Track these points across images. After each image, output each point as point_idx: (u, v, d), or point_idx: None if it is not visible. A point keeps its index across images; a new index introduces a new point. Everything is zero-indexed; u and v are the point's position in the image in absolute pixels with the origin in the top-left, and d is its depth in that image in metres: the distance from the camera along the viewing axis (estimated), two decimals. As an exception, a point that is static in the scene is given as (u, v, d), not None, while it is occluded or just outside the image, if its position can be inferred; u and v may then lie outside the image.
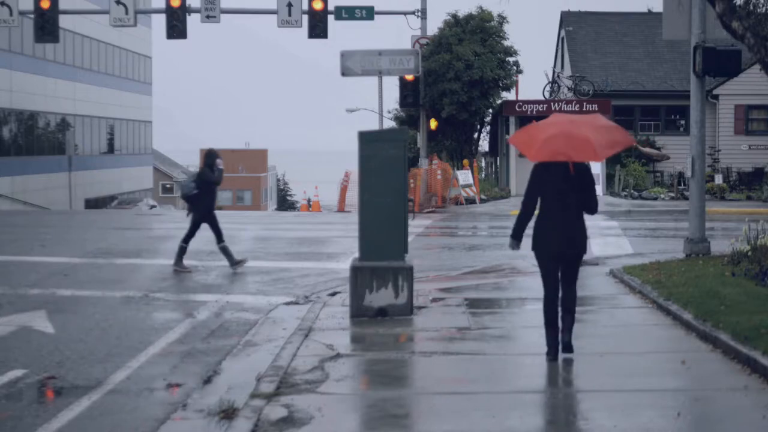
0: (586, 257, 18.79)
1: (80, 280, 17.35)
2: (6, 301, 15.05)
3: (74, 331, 12.78)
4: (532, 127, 10.64)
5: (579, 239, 10.42)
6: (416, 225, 27.39)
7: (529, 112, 40.34)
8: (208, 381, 10.18)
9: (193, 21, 37.84)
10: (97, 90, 61.65)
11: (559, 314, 10.54)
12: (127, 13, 37.58)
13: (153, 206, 57.55)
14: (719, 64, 18.31)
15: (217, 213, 18.82)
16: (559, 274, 10.51)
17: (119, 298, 15.37)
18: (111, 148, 65.75)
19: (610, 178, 40.94)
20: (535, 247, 10.43)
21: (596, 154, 10.15)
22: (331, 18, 37.28)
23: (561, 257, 10.42)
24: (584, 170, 10.39)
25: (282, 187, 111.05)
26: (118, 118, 65.90)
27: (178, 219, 35.12)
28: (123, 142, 67.83)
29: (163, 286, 16.67)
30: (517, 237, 10.65)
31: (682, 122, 43.45)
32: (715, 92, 42.28)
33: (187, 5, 36.63)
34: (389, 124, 47.61)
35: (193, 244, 18.74)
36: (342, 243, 23.40)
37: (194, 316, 13.89)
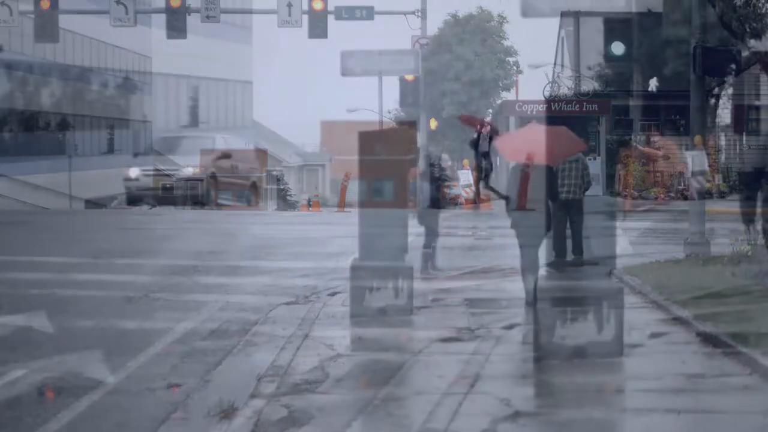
0: (585, 257, 19.01)
1: (80, 280, 17.34)
2: (6, 301, 15.03)
3: (74, 331, 12.77)
4: (512, 134, 15.37)
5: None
6: (416, 225, 27.32)
7: (529, 112, 40.27)
8: (208, 381, 10.18)
9: (193, 21, 37.88)
10: (97, 90, 61.57)
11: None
12: (127, 13, 37.60)
13: (153, 206, 57.44)
14: (719, 64, 18.31)
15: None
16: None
17: (119, 298, 15.35)
18: (111, 148, 65.69)
19: (610, 178, 40.89)
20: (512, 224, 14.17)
21: (552, 158, 13.90)
22: (331, 18, 37.29)
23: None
24: (542, 167, 13.76)
25: (282, 187, 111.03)
26: (118, 118, 65.84)
27: (178, 219, 35.11)
28: (123, 142, 67.76)
29: (163, 286, 16.64)
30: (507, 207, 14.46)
31: (682, 122, 43.43)
32: (715, 92, 42.26)
33: (187, 5, 36.64)
34: (389, 124, 47.60)
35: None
36: (342, 243, 23.37)
37: (194, 316, 13.89)
